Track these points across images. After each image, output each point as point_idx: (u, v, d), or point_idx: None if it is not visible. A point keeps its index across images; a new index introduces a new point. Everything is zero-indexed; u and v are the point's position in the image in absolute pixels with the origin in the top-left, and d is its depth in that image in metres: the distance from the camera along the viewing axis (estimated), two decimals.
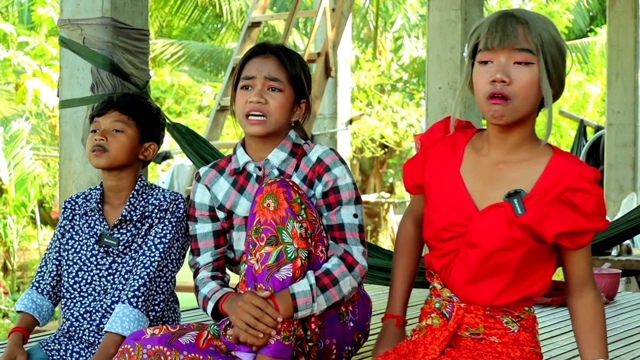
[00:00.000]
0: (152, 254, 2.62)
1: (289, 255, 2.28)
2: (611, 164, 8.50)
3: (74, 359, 2.64)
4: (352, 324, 2.47)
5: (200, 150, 3.92)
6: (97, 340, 2.64)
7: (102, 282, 2.67)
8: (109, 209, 2.73)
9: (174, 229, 2.65)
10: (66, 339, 2.68)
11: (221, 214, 2.59)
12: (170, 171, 12.20)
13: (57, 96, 3.65)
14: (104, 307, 2.65)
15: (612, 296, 4.15)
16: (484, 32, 2.08)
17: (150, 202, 2.68)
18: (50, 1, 13.50)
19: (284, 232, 2.28)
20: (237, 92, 2.53)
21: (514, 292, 2.14)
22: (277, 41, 3.45)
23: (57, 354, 2.65)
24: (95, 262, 2.68)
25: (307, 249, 2.32)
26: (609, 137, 8.58)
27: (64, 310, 2.71)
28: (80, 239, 2.72)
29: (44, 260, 2.77)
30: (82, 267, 2.69)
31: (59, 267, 2.74)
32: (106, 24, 3.46)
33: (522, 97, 2.05)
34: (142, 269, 2.60)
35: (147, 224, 2.67)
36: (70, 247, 2.72)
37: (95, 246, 2.69)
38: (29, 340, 2.70)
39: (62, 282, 2.72)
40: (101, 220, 2.70)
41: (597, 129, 9.81)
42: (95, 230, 2.71)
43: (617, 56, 8.49)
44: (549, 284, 2.18)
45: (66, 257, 2.72)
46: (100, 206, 2.72)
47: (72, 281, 2.70)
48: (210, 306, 2.49)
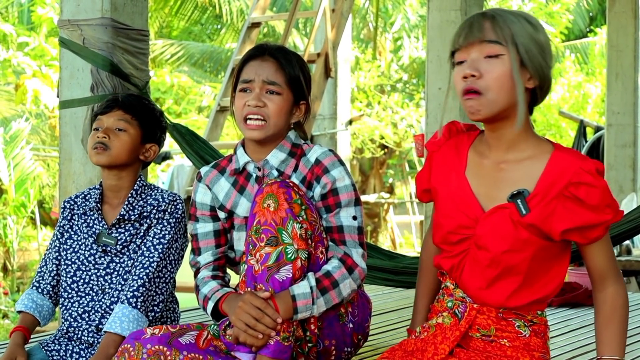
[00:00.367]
0: (151, 255, 2.62)
1: (289, 255, 2.28)
2: (611, 164, 8.49)
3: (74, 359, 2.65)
4: (351, 325, 2.47)
5: (200, 150, 3.93)
6: (96, 340, 2.64)
7: (99, 282, 2.67)
8: (108, 208, 2.73)
9: (173, 229, 2.66)
10: (66, 340, 2.68)
11: (222, 214, 2.59)
12: (170, 172, 12.21)
13: (57, 97, 3.66)
14: (102, 308, 2.65)
15: None
16: (455, 35, 2.11)
17: (148, 202, 2.69)
18: (50, 2, 13.51)
19: (284, 232, 2.28)
20: (235, 94, 2.53)
21: (528, 293, 2.12)
22: (277, 42, 3.44)
23: (57, 354, 2.65)
24: (93, 262, 2.69)
25: (307, 250, 2.32)
26: (608, 138, 8.57)
27: (63, 310, 2.71)
28: (78, 238, 2.73)
29: (44, 260, 2.78)
30: (80, 266, 2.70)
31: (59, 267, 2.74)
32: (106, 25, 3.47)
33: (496, 89, 2.04)
34: (141, 270, 2.60)
35: (146, 225, 2.67)
36: (69, 247, 2.73)
37: (93, 245, 2.69)
38: (30, 340, 2.71)
39: (61, 282, 2.72)
40: (100, 219, 2.71)
41: (597, 129, 9.80)
42: (93, 229, 2.71)
43: (617, 57, 8.48)
44: (562, 284, 2.16)
45: (65, 257, 2.72)
46: (99, 206, 2.72)
47: (70, 281, 2.70)
48: (210, 306, 2.49)
